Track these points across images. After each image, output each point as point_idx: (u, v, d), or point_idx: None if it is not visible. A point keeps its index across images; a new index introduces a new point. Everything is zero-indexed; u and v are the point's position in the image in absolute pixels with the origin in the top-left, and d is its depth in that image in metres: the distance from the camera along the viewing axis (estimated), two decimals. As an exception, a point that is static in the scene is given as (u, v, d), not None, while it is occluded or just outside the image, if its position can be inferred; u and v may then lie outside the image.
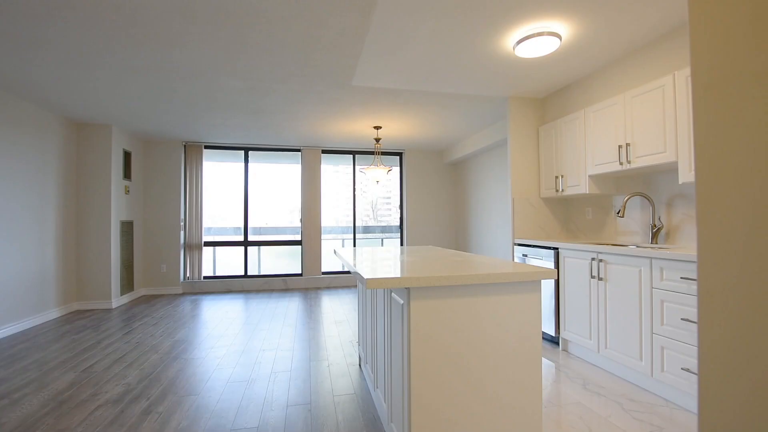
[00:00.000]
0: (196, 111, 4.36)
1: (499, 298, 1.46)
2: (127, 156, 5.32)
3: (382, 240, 7.10)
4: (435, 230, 6.85)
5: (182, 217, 5.95)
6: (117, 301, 5.00)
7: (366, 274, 1.38)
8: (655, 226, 2.82)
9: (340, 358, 3.04)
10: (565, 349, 3.13)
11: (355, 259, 2.00)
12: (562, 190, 3.48)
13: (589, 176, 3.16)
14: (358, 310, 2.87)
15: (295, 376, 2.69)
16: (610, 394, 2.33)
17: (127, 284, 5.31)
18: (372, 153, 6.72)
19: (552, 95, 3.82)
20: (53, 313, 4.35)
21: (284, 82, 3.46)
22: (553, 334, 3.17)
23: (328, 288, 6.28)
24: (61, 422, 2.06)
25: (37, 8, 2.26)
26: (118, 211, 5.06)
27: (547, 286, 3.25)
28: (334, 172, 6.75)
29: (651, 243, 2.83)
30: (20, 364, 2.93)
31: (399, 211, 6.97)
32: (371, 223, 7.03)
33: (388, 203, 7.20)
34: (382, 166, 5.04)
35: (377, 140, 5.18)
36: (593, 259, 2.75)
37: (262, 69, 3.18)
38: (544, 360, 2.93)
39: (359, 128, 5.17)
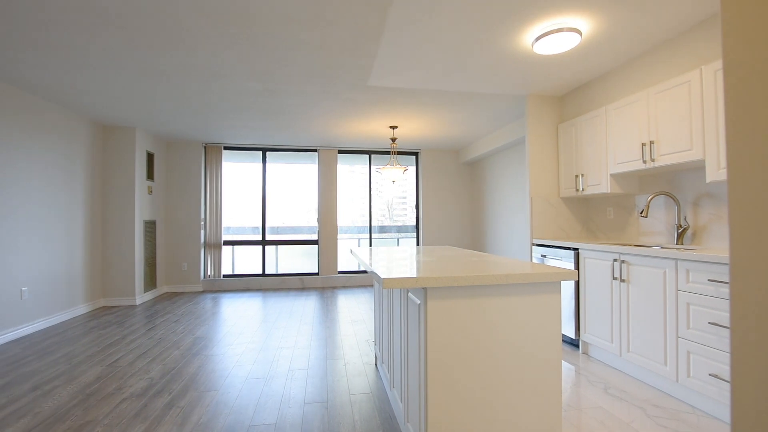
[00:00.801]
0: (215, 113, 4.45)
1: (518, 299, 1.44)
2: (150, 157, 5.48)
3: (398, 240, 7.10)
4: (451, 230, 6.81)
5: (202, 216, 6.09)
6: (141, 298, 5.15)
7: (383, 274, 1.39)
8: (680, 226, 2.73)
9: (356, 357, 3.06)
10: (585, 352, 3.06)
11: (371, 259, 2.01)
12: (583, 190, 3.40)
13: (611, 175, 3.08)
14: (375, 310, 2.88)
15: (312, 374, 2.72)
16: (633, 399, 2.27)
17: (150, 282, 5.47)
18: (388, 153, 6.72)
19: (571, 93, 3.74)
20: (81, 309, 4.52)
21: (301, 83, 3.50)
22: (573, 337, 3.10)
23: (344, 287, 6.31)
24: (89, 414, 2.14)
25: (65, 16, 2.35)
26: (141, 211, 5.22)
27: (567, 288, 3.18)
28: (350, 172, 6.78)
29: (676, 244, 2.74)
30: (51, 357, 3.06)
31: (415, 210, 6.95)
32: (387, 222, 7.03)
33: (403, 203, 7.19)
34: (398, 166, 5.04)
35: (393, 140, 5.18)
36: (615, 260, 2.68)
37: (279, 71, 3.22)
38: (563, 363, 2.88)
39: (375, 128, 5.18)
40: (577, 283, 3.09)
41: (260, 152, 6.35)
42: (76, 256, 4.44)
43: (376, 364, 2.88)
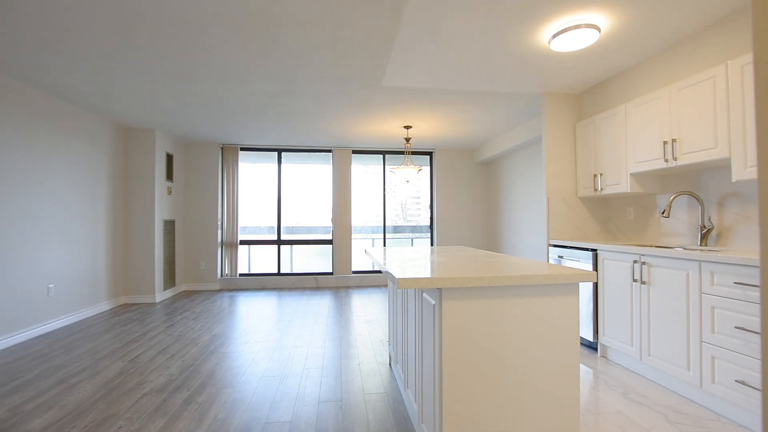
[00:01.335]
0: (231, 114, 4.53)
1: (535, 300, 1.42)
2: (169, 158, 5.61)
3: (412, 240, 7.08)
4: (466, 230, 6.76)
5: (219, 216, 6.20)
6: (160, 295, 5.28)
7: (397, 274, 1.39)
8: (704, 227, 2.64)
9: (370, 356, 3.07)
10: (603, 356, 3.00)
11: (386, 259, 2.01)
12: (601, 189, 3.33)
13: (631, 174, 3.00)
14: (389, 310, 2.88)
15: (327, 373, 2.74)
16: (654, 405, 2.21)
17: (170, 280, 5.60)
18: (402, 153, 6.72)
19: (589, 90, 3.66)
20: (104, 306, 4.66)
21: (315, 84, 3.53)
22: (591, 340, 3.04)
23: (358, 287, 6.33)
24: (111, 407, 2.20)
25: (89, 23, 2.42)
26: (161, 211, 5.35)
27: (585, 289, 3.12)
28: (364, 172, 6.80)
29: (699, 245, 2.66)
30: (76, 352, 3.16)
31: (429, 210, 6.92)
32: (401, 223, 7.03)
33: (417, 203, 7.17)
34: (412, 166, 5.03)
35: (407, 140, 5.18)
36: (635, 261, 2.61)
37: (293, 72, 3.25)
38: (581, 366, 2.82)
39: (389, 128, 5.18)
40: (596, 285, 3.02)
41: (275, 153, 6.42)
42: (99, 254, 4.58)
43: (390, 364, 2.88)
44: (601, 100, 3.52)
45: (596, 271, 3.02)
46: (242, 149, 6.32)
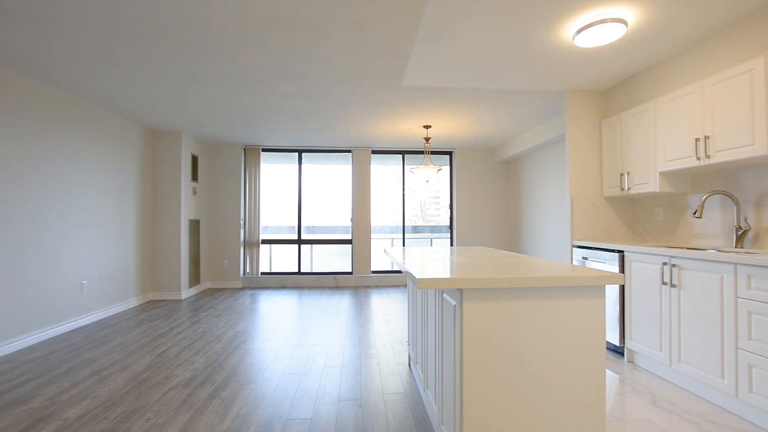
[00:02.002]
0: (253, 116, 4.62)
1: (559, 302, 1.39)
2: (194, 159, 5.77)
3: (431, 240, 7.05)
4: (486, 231, 6.67)
5: (242, 216, 6.34)
6: (186, 293, 5.44)
7: (418, 274, 1.38)
8: (740, 228, 2.52)
9: (389, 356, 3.07)
10: (630, 361, 2.90)
11: (405, 259, 2.00)
12: (628, 189, 3.22)
13: (660, 173, 2.89)
14: (408, 310, 2.88)
15: (346, 371, 2.76)
16: (685, 413, 2.12)
17: (194, 278, 5.77)
18: (421, 152, 6.69)
19: (615, 86, 3.55)
20: (133, 302, 4.84)
21: (335, 85, 3.56)
22: (617, 344, 2.94)
23: (377, 287, 6.35)
24: (140, 400, 2.29)
25: (118, 29, 2.52)
26: (186, 211, 5.51)
27: (610, 292, 3.03)
28: (383, 172, 6.81)
29: (735, 247, 2.53)
30: (107, 346, 3.30)
31: (449, 210, 6.87)
32: (420, 223, 7.00)
33: (436, 203, 7.13)
34: (432, 166, 5.00)
35: (427, 139, 5.15)
36: (665, 263, 2.51)
37: (313, 73, 3.29)
38: (607, 371, 2.74)
39: (408, 128, 5.17)
40: (622, 288, 2.93)
41: (296, 153, 6.52)
42: (128, 252, 4.76)
43: (409, 364, 2.88)
44: (628, 96, 3.41)
45: (623, 273, 2.93)
46: (264, 150, 6.44)
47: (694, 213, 2.65)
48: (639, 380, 2.57)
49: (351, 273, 6.50)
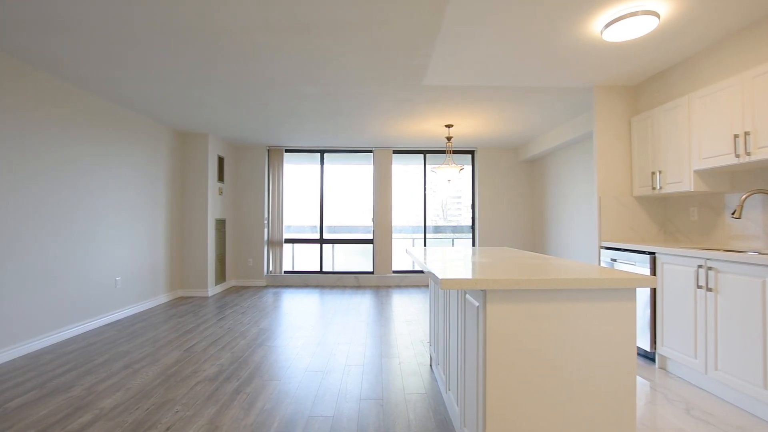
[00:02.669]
0: (277, 118, 4.71)
1: (587, 305, 1.35)
2: (220, 161, 5.94)
3: (453, 240, 6.99)
4: (509, 231, 6.55)
5: (266, 215, 6.47)
6: (212, 290, 5.61)
7: (440, 274, 1.37)
8: (784, 229, 2.37)
9: (410, 356, 3.06)
10: (662, 367, 2.78)
11: (427, 259, 1.99)
12: (660, 188, 3.09)
13: (695, 171, 2.76)
14: (430, 310, 2.86)
15: (368, 370, 2.77)
16: (722, 424, 2.02)
17: (220, 275, 5.93)
18: (443, 152, 6.64)
19: (646, 81, 3.41)
20: (162, 298, 5.03)
21: (357, 86, 3.58)
22: (648, 349, 2.83)
23: (399, 287, 6.35)
24: (169, 393, 2.37)
25: (147, 36, 2.62)
26: (213, 210, 5.68)
27: (641, 295, 2.92)
28: (404, 172, 6.80)
29: (779, 249, 2.39)
30: (139, 339, 3.44)
31: (471, 210, 6.79)
32: (441, 223, 6.95)
33: (458, 203, 7.06)
34: (453, 165, 4.95)
35: (448, 139, 5.11)
36: (700, 266, 2.40)
37: (335, 75, 3.32)
38: (637, 377, 2.64)
39: (430, 127, 5.14)
40: (653, 291, 2.81)
41: (318, 154, 6.60)
42: (159, 250, 4.95)
43: (430, 365, 2.86)
44: (661, 91, 3.27)
45: (654, 275, 2.81)
46: (287, 151, 6.55)
47: (733, 213, 2.52)
48: (671, 388, 2.46)
49: (372, 272, 6.52)
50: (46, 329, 3.28)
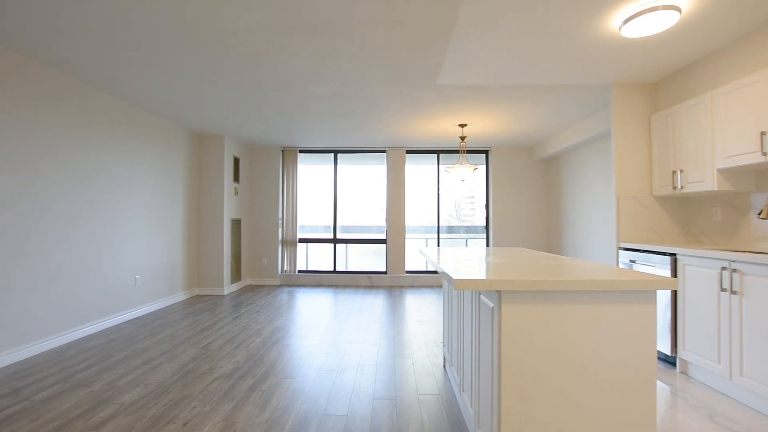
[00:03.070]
0: (291, 118, 4.75)
1: (605, 308, 1.32)
2: (236, 161, 6.03)
3: (466, 240, 6.94)
4: (524, 231, 6.47)
5: (280, 215, 6.55)
6: (228, 288, 5.70)
7: (454, 275, 1.36)
8: (814, 230, 2.28)
9: (424, 357, 3.05)
10: (683, 372, 2.71)
11: (441, 259, 1.98)
12: (681, 187, 3.01)
13: (718, 170, 2.68)
14: (443, 311, 2.85)
15: (381, 370, 2.77)
16: None
17: (236, 274, 6.02)
18: (456, 152, 6.60)
19: (667, 78, 3.32)
20: (180, 296, 5.14)
21: (371, 86, 3.59)
22: (669, 353, 2.76)
23: (412, 287, 6.33)
24: (187, 389, 2.42)
25: (168, 40, 2.68)
26: (229, 210, 5.77)
27: (661, 297, 2.84)
28: (418, 172, 6.79)
29: (808, 251, 2.29)
30: (158, 336, 3.52)
31: (485, 210, 6.73)
32: (455, 223, 6.91)
33: (471, 203, 7.01)
34: (467, 165, 4.92)
35: (462, 138, 5.07)
36: (724, 268, 2.32)
37: (349, 75, 3.33)
38: (657, 382, 2.57)
39: (444, 127, 5.12)
40: (674, 293, 2.74)
41: (332, 154, 6.63)
42: (176, 249, 5.06)
43: (444, 366, 2.85)
44: (682, 88, 3.18)
45: (675, 277, 2.74)
46: (301, 151, 6.61)
47: (759, 213, 2.43)
48: (693, 393, 2.39)
49: (385, 272, 6.53)
50: (69, 325, 3.38)
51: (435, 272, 6.49)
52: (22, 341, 2.95)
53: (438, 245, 6.68)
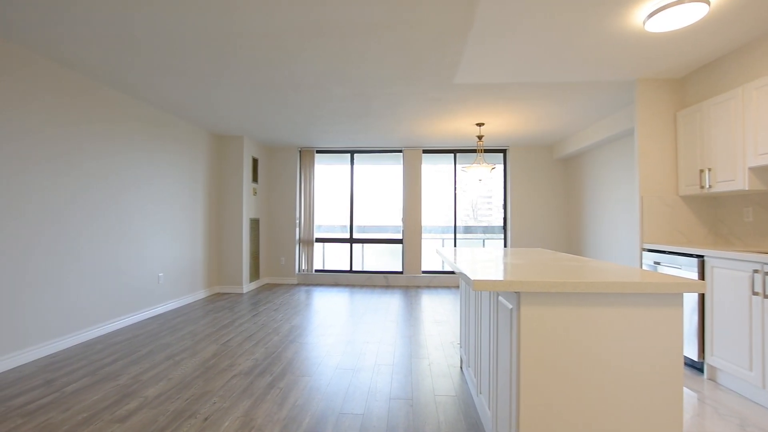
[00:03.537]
0: (308, 119, 4.80)
1: (629, 310, 1.28)
2: (254, 162, 6.13)
3: (484, 241, 6.86)
4: (543, 232, 6.35)
5: (297, 215, 6.62)
6: (246, 287, 5.80)
7: (472, 275, 1.35)
8: None
9: (440, 358, 3.04)
10: (712, 378, 2.60)
11: (458, 260, 1.97)
12: (710, 187, 2.90)
13: (750, 169, 2.56)
14: (460, 312, 2.83)
15: (397, 370, 2.77)
16: (782, 442, 1.86)
17: (254, 273, 6.13)
18: (473, 151, 6.53)
19: (694, 73, 3.20)
20: (201, 294, 5.26)
21: (387, 86, 3.59)
22: (695, 359, 2.66)
23: (428, 287, 6.31)
24: (208, 384, 2.48)
25: (189, 45, 2.74)
26: (248, 210, 5.88)
27: (687, 300, 2.74)
28: (434, 172, 6.75)
29: None
30: (180, 333, 3.62)
31: (503, 210, 6.64)
32: (472, 223, 6.85)
33: (489, 202, 6.93)
34: (485, 164, 4.86)
35: (479, 137, 5.02)
36: (756, 271, 2.22)
37: (366, 75, 3.34)
38: (684, 389, 2.49)
39: (461, 126, 5.08)
40: (702, 297, 2.64)
41: (348, 154, 6.67)
42: (197, 248, 5.18)
43: (461, 367, 2.83)
44: (711, 83, 3.06)
45: (703, 280, 2.64)
46: (318, 152, 6.67)
47: (795, 214, 2.32)
48: (723, 401, 2.30)
49: (401, 272, 6.52)
50: (97, 321, 3.51)
51: (451, 273, 6.45)
52: (55, 335, 3.08)
53: (455, 245, 6.63)
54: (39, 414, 2.10)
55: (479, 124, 4.93)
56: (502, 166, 6.59)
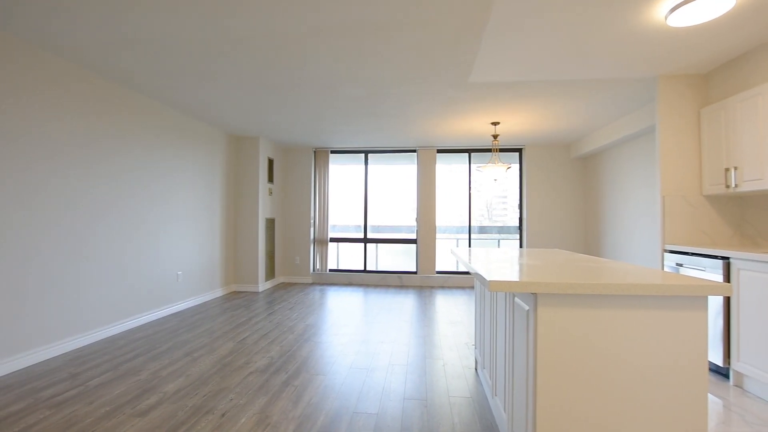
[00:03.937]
0: (323, 120, 4.83)
1: (650, 313, 1.25)
2: (270, 162, 6.21)
3: (499, 241, 6.79)
4: (559, 232, 6.24)
5: (312, 215, 6.68)
6: (262, 285, 5.88)
7: (488, 276, 1.34)
8: None
9: (455, 359, 3.02)
10: (738, 385, 2.51)
11: (474, 260, 1.95)
12: (736, 186, 2.80)
13: (780, 167, 2.46)
14: (475, 312, 2.80)
15: (411, 371, 2.77)
16: (814, 452, 1.78)
17: (270, 272, 6.21)
18: (488, 150, 6.47)
19: (720, 68, 3.09)
20: (218, 292, 5.36)
21: (401, 86, 3.58)
22: (720, 364, 2.57)
23: (442, 287, 6.27)
24: (224, 381, 2.52)
25: (203, 48, 2.80)
26: (263, 210, 5.96)
27: (712, 304, 2.66)
28: (448, 172, 6.71)
29: None
30: (197, 330, 3.69)
31: (518, 211, 6.55)
32: (486, 223, 6.78)
33: (504, 202, 6.85)
34: (500, 164, 4.81)
35: (495, 137, 4.96)
36: (786, 273, 2.14)
37: (380, 75, 3.34)
38: (708, 395, 2.41)
39: (475, 125, 5.03)
40: (727, 300, 2.55)
41: (362, 155, 6.69)
42: (215, 247, 5.28)
43: (476, 369, 2.80)
44: (736, 79, 2.95)
45: (729, 282, 2.55)
46: (332, 152, 6.71)
47: (828, 214, 2.21)
48: (750, 409, 2.21)
49: (415, 272, 6.50)
50: (119, 317, 3.62)
51: (466, 273, 6.40)
52: (79, 330, 3.19)
53: (469, 245, 6.58)
54: (65, 406, 2.18)
55: (494, 123, 4.88)
56: (517, 165, 6.51)
